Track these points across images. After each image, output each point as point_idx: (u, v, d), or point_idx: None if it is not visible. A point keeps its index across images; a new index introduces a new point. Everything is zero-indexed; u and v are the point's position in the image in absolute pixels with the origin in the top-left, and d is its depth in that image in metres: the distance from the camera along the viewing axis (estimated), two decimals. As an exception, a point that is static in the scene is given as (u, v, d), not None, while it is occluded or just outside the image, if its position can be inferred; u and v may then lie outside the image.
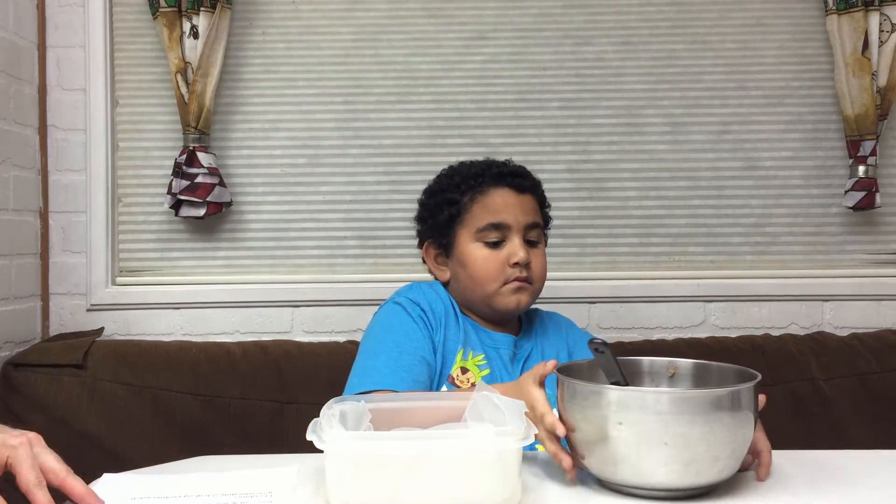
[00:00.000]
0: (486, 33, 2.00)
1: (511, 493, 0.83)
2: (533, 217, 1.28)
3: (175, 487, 0.90)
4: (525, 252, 1.24)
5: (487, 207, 1.27)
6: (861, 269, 1.99)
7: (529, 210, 1.28)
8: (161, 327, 1.95)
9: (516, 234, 1.26)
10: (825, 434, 1.68)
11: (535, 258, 1.27)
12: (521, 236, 1.26)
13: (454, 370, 1.22)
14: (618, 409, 0.84)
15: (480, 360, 1.24)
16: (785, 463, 1.03)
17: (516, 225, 1.26)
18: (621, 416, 0.84)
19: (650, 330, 1.96)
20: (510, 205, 1.27)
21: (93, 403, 1.67)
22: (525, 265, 1.24)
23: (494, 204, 1.27)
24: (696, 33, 2.00)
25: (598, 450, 0.88)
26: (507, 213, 1.26)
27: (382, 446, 0.80)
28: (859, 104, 1.89)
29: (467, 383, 1.20)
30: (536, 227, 1.29)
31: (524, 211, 1.27)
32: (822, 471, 1.00)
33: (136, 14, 1.98)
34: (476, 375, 1.22)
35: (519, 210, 1.27)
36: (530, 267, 1.25)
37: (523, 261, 1.24)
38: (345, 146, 2.00)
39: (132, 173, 2.00)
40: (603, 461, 0.88)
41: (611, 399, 0.85)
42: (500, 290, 1.24)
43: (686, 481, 0.86)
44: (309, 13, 2.01)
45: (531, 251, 1.26)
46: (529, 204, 1.29)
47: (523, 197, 1.29)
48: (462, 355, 1.23)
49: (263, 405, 1.70)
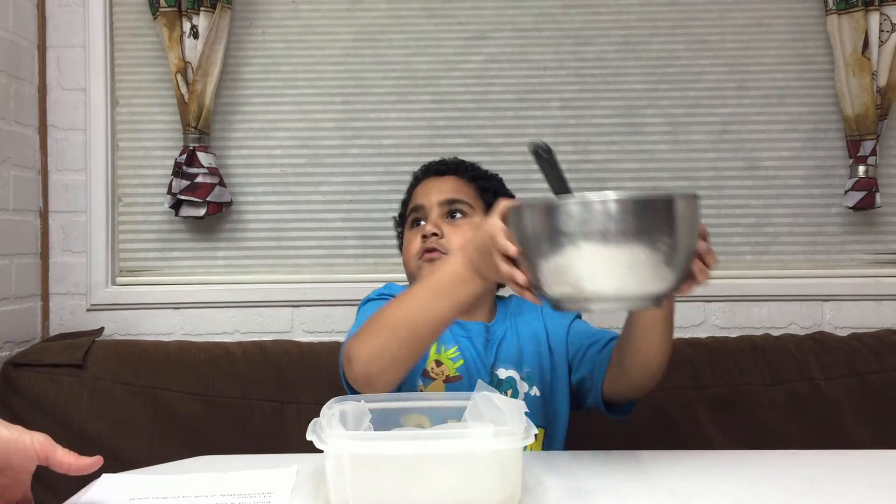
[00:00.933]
0: (485, 33, 2.00)
1: (511, 493, 0.83)
2: (450, 194, 1.31)
3: (175, 487, 0.90)
4: (433, 225, 1.27)
5: (413, 199, 1.36)
6: (861, 269, 1.99)
7: (447, 189, 1.32)
8: (161, 327, 1.95)
9: (432, 211, 1.30)
10: (825, 434, 1.68)
11: (453, 229, 1.27)
12: (437, 212, 1.29)
13: (428, 364, 1.22)
14: (564, 219, 0.84)
15: (453, 352, 1.24)
16: (785, 463, 1.03)
17: (429, 204, 1.30)
18: (567, 225, 0.84)
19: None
20: (428, 189, 1.34)
21: (93, 403, 1.67)
22: (433, 236, 1.26)
23: (417, 194, 1.36)
24: (696, 33, 2.00)
25: (547, 265, 0.87)
26: (423, 197, 1.33)
27: (382, 446, 0.80)
28: (859, 104, 1.89)
29: (442, 375, 1.21)
30: (457, 202, 1.30)
31: (440, 190, 1.32)
32: (822, 471, 1.00)
33: (136, 14, 1.98)
34: (450, 367, 1.22)
35: (435, 191, 1.32)
36: (445, 241, 1.26)
37: (427, 232, 1.26)
38: (345, 146, 2.00)
39: (132, 173, 2.00)
40: (553, 275, 0.87)
41: (556, 209, 0.85)
42: (419, 265, 1.27)
43: (630, 289, 0.86)
44: (309, 13, 2.01)
45: (450, 224, 1.28)
46: (448, 183, 1.33)
47: (442, 179, 1.35)
48: (435, 349, 1.24)
49: (263, 405, 1.70)
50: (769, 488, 0.93)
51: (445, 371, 1.22)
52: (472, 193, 1.33)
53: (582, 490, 0.93)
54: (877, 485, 0.94)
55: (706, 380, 1.72)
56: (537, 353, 1.26)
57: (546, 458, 1.04)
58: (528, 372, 1.24)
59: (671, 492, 0.95)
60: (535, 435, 0.83)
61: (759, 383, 1.72)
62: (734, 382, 1.72)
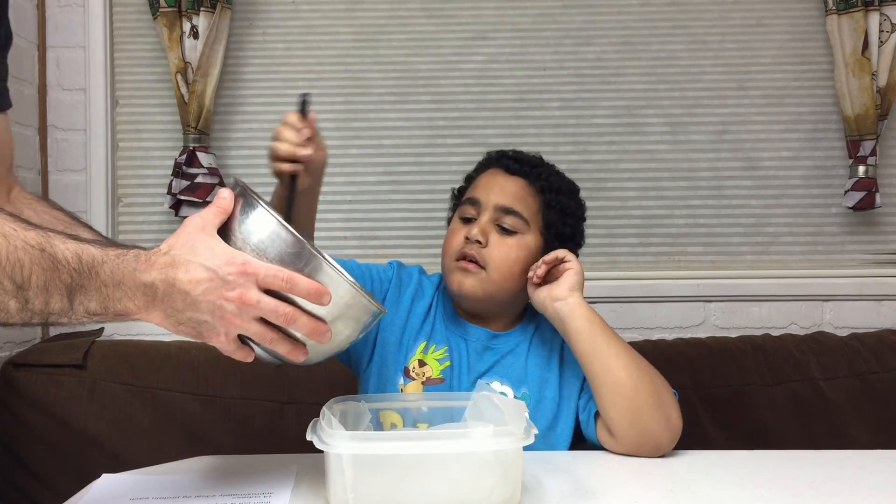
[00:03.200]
0: (485, 33, 2.00)
1: (511, 493, 0.83)
2: (510, 201, 1.19)
3: (175, 487, 0.90)
4: (480, 230, 1.16)
5: (474, 185, 1.25)
6: (861, 269, 1.99)
7: (510, 193, 1.20)
8: (161, 327, 1.95)
9: (485, 212, 1.18)
10: (825, 434, 1.68)
11: (497, 244, 1.17)
12: (490, 216, 1.18)
13: (411, 362, 1.19)
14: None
15: (442, 353, 1.19)
16: (785, 463, 1.03)
17: (485, 202, 1.19)
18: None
19: (650, 330, 1.96)
20: (492, 183, 1.21)
21: (93, 403, 1.67)
22: (477, 243, 1.15)
23: (479, 182, 1.24)
24: (696, 33, 2.00)
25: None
26: (483, 190, 1.21)
27: (382, 446, 0.80)
28: (859, 104, 1.89)
29: (422, 377, 1.18)
30: (513, 215, 1.18)
31: (503, 191, 1.20)
32: (822, 471, 1.00)
33: (136, 14, 1.98)
34: (434, 369, 1.18)
35: (497, 189, 1.20)
36: (486, 251, 1.16)
37: (472, 236, 1.16)
38: (345, 146, 2.00)
39: (132, 173, 2.00)
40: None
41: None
42: (451, 266, 1.18)
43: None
44: (309, 13, 2.01)
45: (497, 237, 1.17)
46: (513, 187, 1.20)
47: (510, 178, 1.22)
48: (423, 348, 1.19)
49: (263, 405, 1.70)
50: (769, 488, 0.93)
51: (428, 372, 1.18)
52: (534, 207, 1.21)
53: (582, 490, 0.93)
54: (877, 485, 0.94)
55: (706, 380, 1.72)
56: (543, 378, 1.18)
57: (546, 458, 1.04)
58: (524, 394, 1.17)
59: (671, 492, 0.95)
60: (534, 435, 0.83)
61: (759, 383, 1.72)
62: (734, 382, 1.72)
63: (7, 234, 0.70)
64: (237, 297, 0.75)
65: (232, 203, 0.82)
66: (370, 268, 1.26)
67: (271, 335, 0.78)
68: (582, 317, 1.12)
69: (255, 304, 0.76)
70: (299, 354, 0.81)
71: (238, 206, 0.82)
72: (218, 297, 0.75)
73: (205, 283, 0.75)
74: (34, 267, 0.71)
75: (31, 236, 0.72)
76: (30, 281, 0.71)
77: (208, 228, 0.79)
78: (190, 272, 0.75)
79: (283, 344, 0.79)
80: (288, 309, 0.77)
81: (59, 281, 0.72)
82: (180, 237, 0.78)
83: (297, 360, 0.81)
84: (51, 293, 0.72)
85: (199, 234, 0.78)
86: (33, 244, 0.71)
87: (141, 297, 0.75)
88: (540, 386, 1.18)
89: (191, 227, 0.79)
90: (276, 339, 0.79)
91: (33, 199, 1.10)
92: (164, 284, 0.75)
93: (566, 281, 1.14)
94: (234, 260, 0.76)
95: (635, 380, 1.08)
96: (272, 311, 0.77)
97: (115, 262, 0.74)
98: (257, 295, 0.76)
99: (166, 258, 0.76)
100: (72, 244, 0.73)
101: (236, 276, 0.75)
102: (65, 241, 0.73)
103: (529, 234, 1.19)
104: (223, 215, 0.81)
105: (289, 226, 0.79)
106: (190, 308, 0.76)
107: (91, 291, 0.73)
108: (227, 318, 0.76)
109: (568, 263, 1.16)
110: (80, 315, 0.74)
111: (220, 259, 0.76)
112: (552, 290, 1.15)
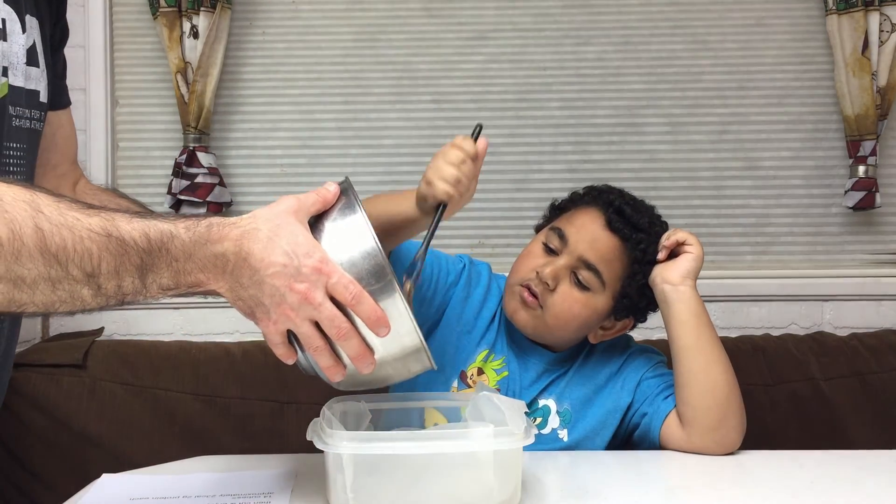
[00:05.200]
0: (486, 33, 2.00)
1: (511, 493, 0.83)
2: (596, 258, 1.11)
3: (175, 487, 0.90)
4: (552, 273, 1.09)
5: (570, 216, 1.17)
6: (861, 269, 1.99)
7: (599, 250, 1.11)
8: (161, 327, 1.95)
9: (566, 256, 1.11)
10: (825, 434, 1.68)
11: (564, 294, 1.10)
12: (569, 262, 1.11)
13: (470, 368, 1.17)
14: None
15: (500, 363, 1.17)
16: (785, 463, 1.03)
17: (573, 247, 1.11)
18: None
19: (650, 330, 1.94)
20: (585, 227, 1.13)
21: (93, 403, 1.67)
22: (545, 283, 1.10)
23: (576, 216, 1.16)
24: (696, 33, 2.00)
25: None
26: (574, 230, 1.13)
27: (382, 446, 0.80)
28: (859, 104, 1.89)
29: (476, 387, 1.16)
30: (593, 272, 1.11)
31: (593, 245, 1.11)
32: (822, 471, 1.00)
33: (136, 14, 1.98)
34: (491, 379, 1.16)
35: (589, 238, 1.12)
36: (551, 297, 1.10)
37: (543, 275, 1.09)
38: (345, 146, 2.00)
39: (132, 173, 2.00)
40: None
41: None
42: (514, 289, 1.13)
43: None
44: (309, 13, 2.01)
45: (567, 287, 1.11)
46: (606, 245, 1.12)
47: (607, 233, 1.13)
48: (484, 357, 1.17)
49: (263, 405, 1.70)
50: (769, 488, 0.93)
51: (485, 381, 1.15)
52: (619, 273, 1.13)
53: (582, 490, 0.93)
54: (877, 485, 0.94)
55: (706, 380, 1.72)
56: (586, 398, 1.16)
57: (546, 458, 1.04)
58: (565, 409, 1.16)
59: (671, 492, 0.95)
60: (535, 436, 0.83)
61: (759, 383, 1.71)
62: (734, 382, 1.72)
63: (71, 226, 0.69)
64: (303, 291, 0.73)
65: (335, 197, 0.80)
66: (440, 257, 1.21)
67: (318, 343, 0.76)
68: (689, 309, 1.10)
69: (317, 306, 0.74)
70: (337, 374, 0.78)
71: (338, 204, 0.80)
72: (284, 285, 0.73)
73: (278, 266, 0.73)
74: (103, 253, 0.70)
75: (96, 222, 0.71)
76: (100, 268, 0.70)
77: (301, 213, 0.77)
78: (267, 251, 0.73)
79: (327, 357, 0.77)
80: (345, 324, 0.75)
81: (130, 263, 0.71)
82: (269, 211, 0.76)
83: (332, 378, 0.79)
84: (122, 276, 0.71)
85: (288, 216, 0.76)
86: (98, 230, 0.70)
87: (211, 268, 0.74)
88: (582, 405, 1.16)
89: (283, 206, 0.77)
90: (322, 348, 0.76)
91: (98, 191, 1.11)
92: (237, 257, 0.73)
93: (682, 265, 1.11)
94: (314, 254, 0.74)
95: (731, 386, 1.09)
96: (329, 319, 0.74)
97: (186, 235, 0.73)
98: (322, 297, 0.74)
99: (241, 230, 0.74)
100: (138, 223, 0.72)
101: (310, 270, 0.73)
102: (130, 220, 0.72)
103: (602, 295, 1.12)
104: (321, 206, 0.79)
105: (379, 244, 0.76)
106: (254, 286, 0.74)
107: (162, 268, 0.72)
108: (285, 308, 0.74)
109: (689, 247, 1.11)
110: (154, 292, 0.74)
111: (302, 248, 0.74)
112: (665, 271, 1.11)
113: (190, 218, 0.75)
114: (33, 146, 0.98)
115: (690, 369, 1.09)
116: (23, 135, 0.95)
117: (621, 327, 1.18)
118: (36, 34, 0.96)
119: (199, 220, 0.75)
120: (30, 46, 0.94)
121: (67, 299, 0.71)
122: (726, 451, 1.07)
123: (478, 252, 1.97)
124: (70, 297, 0.71)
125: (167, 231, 0.72)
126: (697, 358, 1.09)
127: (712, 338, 1.10)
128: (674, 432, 1.10)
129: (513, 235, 1.97)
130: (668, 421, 1.11)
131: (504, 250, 1.95)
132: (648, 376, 1.16)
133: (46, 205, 0.70)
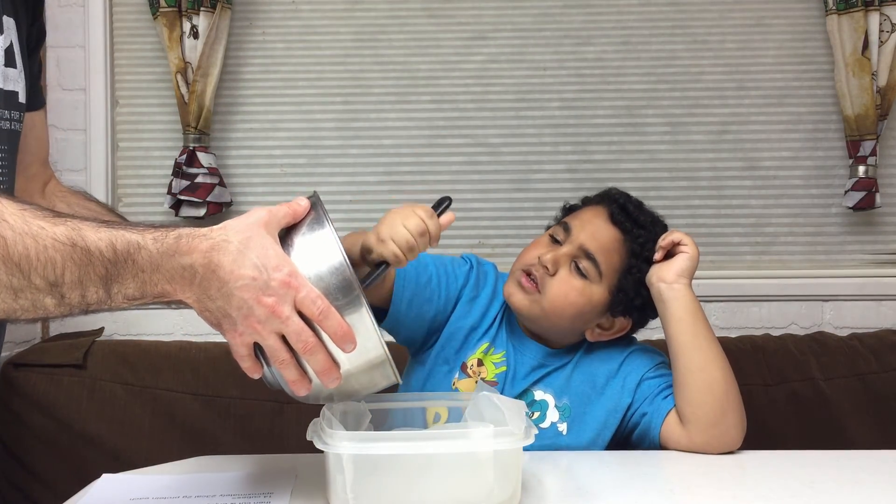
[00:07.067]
0: (485, 33, 2.00)
1: (511, 493, 0.83)
2: (595, 248, 1.15)
3: (175, 487, 0.90)
4: (553, 259, 1.13)
5: (577, 213, 1.22)
6: (861, 269, 1.99)
7: (600, 240, 1.15)
8: (161, 327, 1.95)
9: (569, 245, 1.15)
10: (825, 434, 1.68)
11: (561, 279, 1.14)
12: (570, 251, 1.15)
13: (471, 359, 1.19)
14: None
15: (499, 357, 1.19)
16: (785, 463, 1.03)
17: (575, 236, 1.16)
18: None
19: (651, 330, 1.94)
20: (590, 221, 1.18)
21: (93, 403, 1.67)
22: (545, 269, 1.13)
23: (582, 213, 1.21)
24: (696, 33, 2.00)
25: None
26: (579, 223, 1.17)
27: (382, 446, 0.80)
28: (859, 104, 1.89)
29: (477, 376, 1.18)
30: (591, 261, 1.14)
31: (594, 235, 1.16)
32: (822, 471, 1.00)
33: (136, 14, 1.98)
34: (489, 372, 1.18)
35: (591, 230, 1.16)
36: (549, 281, 1.14)
37: (544, 261, 1.13)
38: (345, 146, 2.00)
39: (132, 173, 2.00)
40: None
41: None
42: (515, 274, 1.17)
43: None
44: (309, 13, 2.01)
45: (565, 273, 1.14)
46: (607, 236, 1.16)
47: (609, 226, 1.17)
48: (485, 349, 1.19)
49: (263, 405, 1.70)
50: (769, 488, 0.93)
51: (483, 373, 1.18)
52: (616, 265, 1.16)
53: (582, 490, 0.93)
54: (877, 485, 0.94)
55: (706, 380, 1.72)
56: (585, 395, 1.17)
57: (546, 458, 1.04)
58: (565, 404, 1.17)
59: (671, 492, 0.95)
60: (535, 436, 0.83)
61: (759, 383, 1.71)
62: (734, 382, 1.72)
63: (35, 235, 0.69)
64: (271, 304, 0.73)
65: (305, 211, 0.81)
66: (446, 263, 1.23)
67: (284, 356, 0.76)
68: (685, 307, 1.12)
69: (284, 319, 0.74)
70: (302, 388, 0.79)
71: (307, 218, 0.80)
72: (252, 298, 0.73)
73: (247, 279, 0.73)
74: (67, 263, 0.70)
75: (61, 231, 0.70)
76: (63, 277, 0.70)
77: (271, 226, 0.77)
78: (236, 263, 0.73)
79: (292, 370, 0.77)
80: (311, 338, 0.75)
81: (94, 273, 0.71)
82: (240, 223, 0.76)
83: (298, 392, 0.79)
84: (86, 286, 0.71)
85: (259, 229, 0.76)
86: (63, 240, 0.70)
87: (179, 280, 0.74)
88: (582, 403, 1.17)
89: (254, 218, 0.77)
90: (288, 361, 0.76)
91: (67, 193, 1.10)
92: (205, 269, 0.73)
93: (676, 265, 1.13)
94: (283, 268, 0.74)
95: (729, 382, 1.09)
96: (295, 333, 0.75)
97: (153, 247, 0.72)
98: (289, 311, 0.74)
99: (210, 242, 0.74)
100: (105, 232, 0.72)
101: (279, 284, 0.73)
102: (98, 230, 0.72)
103: (598, 286, 1.15)
104: (292, 219, 0.79)
105: (348, 261, 0.77)
106: (222, 298, 0.74)
107: (128, 278, 0.72)
108: (252, 321, 0.74)
109: (684, 247, 1.14)
110: (118, 302, 0.73)
111: (272, 262, 0.74)
112: (660, 270, 1.14)
113: (159, 228, 0.75)
114: (13, 147, 0.98)
115: (688, 367, 1.10)
116: (3, 136, 0.94)
117: (619, 328, 1.19)
118: (13, 35, 0.95)
119: (169, 231, 0.74)
120: (7, 47, 0.94)
121: (30, 308, 0.71)
122: (727, 448, 1.08)
123: (477, 252, 1.96)
124: (32, 306, 0.71)
125: (134, 242, 0.72)
126: (694, 355, 1.10)
127: (709, 335, 1.12)
128: (674, 431, 1.10)
129: (513, 235, 1.97)
130: (668, 420, 1.11)
131: (504, 250, 1.95)
132: (649, 377, 1.17)
133: (11, 213, 0.70)
